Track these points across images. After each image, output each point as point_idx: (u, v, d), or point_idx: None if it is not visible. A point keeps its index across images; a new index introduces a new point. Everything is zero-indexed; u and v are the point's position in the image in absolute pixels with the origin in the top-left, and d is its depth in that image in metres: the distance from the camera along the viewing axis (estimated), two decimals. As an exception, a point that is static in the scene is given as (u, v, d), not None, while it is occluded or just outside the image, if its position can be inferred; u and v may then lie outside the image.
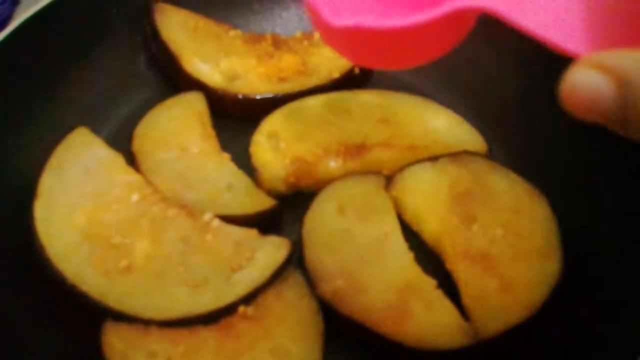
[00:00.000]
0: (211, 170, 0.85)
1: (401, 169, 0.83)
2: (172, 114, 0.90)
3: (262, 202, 0.82)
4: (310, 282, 0.72)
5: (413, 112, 0.91)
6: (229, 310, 0.70)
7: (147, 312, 0.69)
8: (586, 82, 0.38)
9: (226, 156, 0.88)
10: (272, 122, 0.88)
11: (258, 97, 0.93)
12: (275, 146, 0.86)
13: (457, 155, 0.84)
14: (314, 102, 0.92)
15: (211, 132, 0.90)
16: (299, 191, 0.86)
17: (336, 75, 0.96)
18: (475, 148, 0.87)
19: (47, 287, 0.72)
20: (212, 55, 0.96)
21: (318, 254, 0.74)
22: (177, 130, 0.88)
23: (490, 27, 0.93)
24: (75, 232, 0.74)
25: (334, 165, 0.85)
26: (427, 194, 0.81)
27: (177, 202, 0.78)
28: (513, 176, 0.82)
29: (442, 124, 0.90)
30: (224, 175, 0.85)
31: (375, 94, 0.94)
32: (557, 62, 0.83)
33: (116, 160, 0.81)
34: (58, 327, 0.71)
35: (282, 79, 0.96)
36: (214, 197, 0.82)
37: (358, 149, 0.86)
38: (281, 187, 0.85)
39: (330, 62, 0.98)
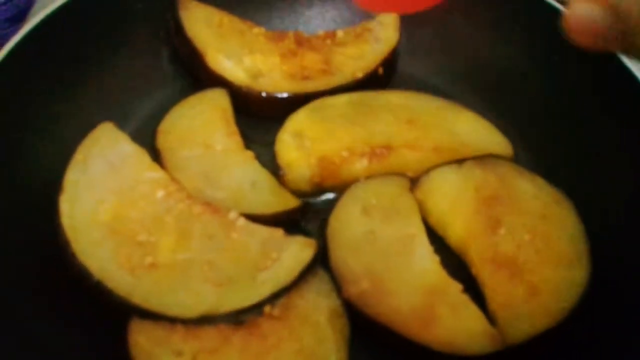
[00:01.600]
0: (235, 168, 0.85)
1: (426, 171, 0.83)
2: (196, 110, 0.90)
3: (286, 202, 0.82)
4: (336, 283, 0.72)
5: (438, 114, 0.91)
6: (254, 309, 0.70)
7: (173, 310, 0.69)
8: (583, 11, 0.51)
9: (250, 154, 0.88)
10: (297, 121, 0.88)
11: (282, 95, 0.93)
12: (301, 145, 0.86)
13: (483, 159, 0.84)
14: (339, 101, 0.92)
15: (235, 129, 0.90)
16: (323, 191, 0.86)
17: (360, 75, 0.96)
18: (501, 151, 0.87)
19: (73, 285, 0.72)
20: (236, 52, 0.96)
21: (343, 255, 0.74)
22: (201, 127, 0.88)
23: (518, 29, 0.96)
24: (100, 228, 0.75)
25: (359, 166, 0.85)
26: (452, 198, 0.81)
27: (202, 200, 0.78)
28: (540, 181, 0.82)
29: (468, 127, 0.90)
30: (248, 173, 0.85)
31: (400, 95, 0.93)
32: (586, 66, 0.85)
33: (142, 156, 0.81)
34: (84, 325, 0.71)
35: (305, 78, 0.96)
36: (238, 195, 0.82)
37: (383, 149, 0.86)
38: (306, 186, 0.85)
39: (354, 62, 0.98)
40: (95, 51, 0.91)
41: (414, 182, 0.83)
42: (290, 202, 0.82)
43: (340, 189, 0.82)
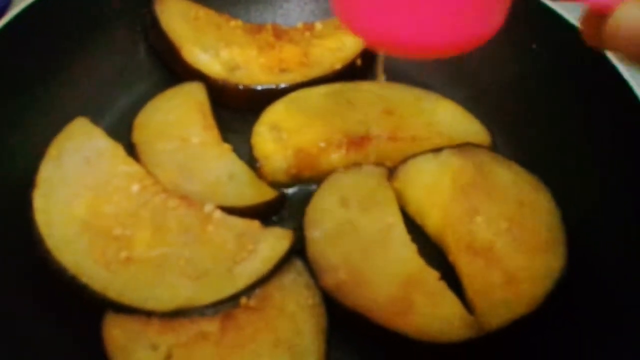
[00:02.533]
0: (212, 161, 0.85)
1: (404, 160, 0.83)
2: (173, 104, 0.90)
3: (263, 193, 0.82)
4: (313, 274, 0.72)
5: (416, 103, 0.91)
6: (230, 301, 0.70)
7: (148, 304, 0.69)
8: (632, 15, 0.42)
9: (227, 147, 0.87)
10: (274, 113, 0.88)
11: (259, 87, 0.93)
12: (277, 137, 0.85)
13: (461, 147, 0.84)
14: (316, 93, 0.91)
15: (212, 122, 0.90)
16: (301, 182, 0.86)
17: (338, 66, 0.96)
18: (479, 140, 0.87)
19: (47, 279, 0.71)
20: (213, 45, 0.96)
21: (320, 246, 0.74)
22: (178, 120, 0.88)
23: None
24: (75, 223, 0.74)
25: (336, 156, 0.85)
26: (429, 186, 0.81)
27: (178, 193, 0.78)
28: (517, 169, 0.82)
29: (446, 116, 0.90)
30: (225, 166, 0.85)
31: (378, 85, 0.93)
32: (565, 54, 0.85)
33: (116, 150, 0.81)
34: (59, 319, 0.71)
35: (283, 70, 0.96)
36: (215, 188, 0.82)
37: (361, 140, 0.86)
38: (283, 178, 0.85)
39: (332, 54, 0.98)
40: (70, 45, 0.90)
41: (391, 172, 0.83)
42: (267, 194, 0.82)
43: (319, 179, 0.82)
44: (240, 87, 0.93)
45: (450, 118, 0.90)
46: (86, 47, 0.92)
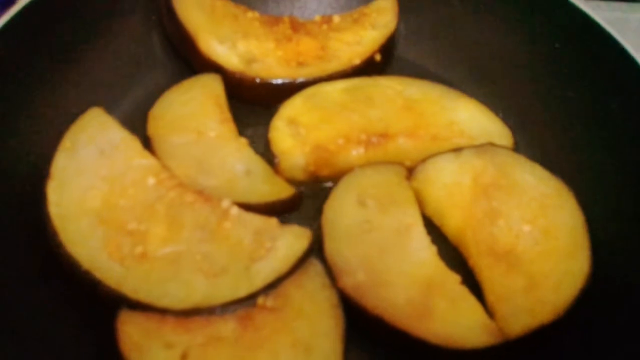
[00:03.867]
0: (228, 156, 0.83)
1: (423, 159, 0.81)
2: (188, 96, 0.88)
3: (281, 190, 0.81)
4: (331, 274, 0.71)
5: (437, 101, 0.89)
6: (247, 301, 0.68)
7: (163, 301, 0.67)
8: None
9: (244, 141, 0.86)
10: (292, 107, 0.86)
11: (276, 81, 0.91)
12: (295, 132, 0.84)
13: (482, 148, 0.82)
14: (334, 88, 0.90)
15: (228, 115, 0.88)
16: (319, 180, 0.84)
17: (357, 61, 0.94)
18: (501, 141, 0.85)
19: (62, 275, 0.70)
20: (230, 36, 0.94)
21: (338, 246, 0.73)
22: (194, 113, 0.86)
23: (520, 18, 0.94)
24: (89, 216, 0.73)
25: (355, 154, 0.83)
26: (449, 187, 0.79)
27: (194, 188, 0.77)
28: (540, 171, 0.80)
29: (467, 115, 0.88)
30: (242, 161, 0.83)
31: (398, 81, 0.91)
32: (589, 57, 0.83)
33: (132, 142, 0.79)
34: (73, 315, 0.70)
35: (300, 64, 0.94)
36: (231, 183, 0.80)
37: (380, 137, 0.84)
38: (300, 175, 0.83)
39: (351, 48, 0.96)
40: (85, 35, 0.89)
41: (410, 171, 0.81)
42: (284, 191, 0.80)
43: (337, 177, 0.80)
44: (258, 80, 0.91)
45: (471, 117, 0.88)
46: (101, 37, 0.91)
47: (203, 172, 0.81)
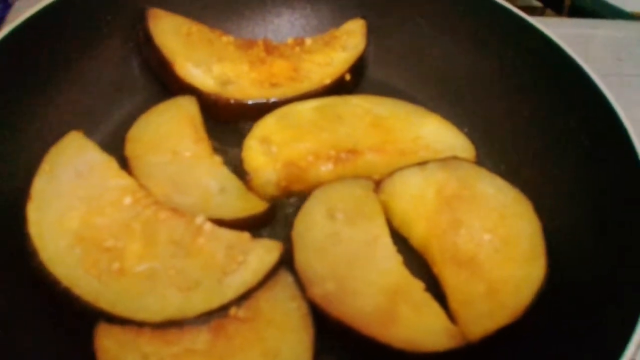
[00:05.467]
0: (203, 174, 0.86)
1: (390, 173, 0.84)
2: (164, 118, 0.91)
3: (254, 206, 0.83)
4: (301, 284, 0.73)
5: (404, 117, 0.92)
6: (220, 311, 0.70)
7: (139, 315, 0.69)
8: None
9: (218, 160, 0.88)
10: (264, 127, 0.89)
11: (250, 102, 0.94)
12: (267, 150, 0.86)
13: (446, 161, 0.85)
14: (306, 107, 0.93)
15: (203, 135, 0.91)
16: (291, 194, 0.87)
17: (327, 81, 0.97)
18: (464, 154, 0.89)
19: (40, 290, 0.72)
20: (205, 60, 0.97)
21: (308, 257, 0.75)
22: (169, 134, 0.89)
23: (484, 39, 0.98)
24: (68, 235, 0.75)
25: (325, 169, 0.86)
26: (415, 199, 0.82)
27: (170, 206, 0.79)
28: (500, 182, 0.83)
29: (433, 130, 0.91)
30: (216, 178, 0.85)
31: (366, 99, 0.95)
32: (548, 76, 0.87)
33: (109, 163, 0.82)
34: (51, 329, 0.72)
35: (273, 85, 0.97)
36: (206, 200, 0.83)
37: (349, 153, 0.87)
38: (273, 190, 0.86)
39: (322, 69, 0.99)
40: (65, 61, 0.92)
41: (378, 185, 0.84)
42: (257, 207, 0.83)
43: (308, 192, 0.83)
44: (232, 101, 0.93)
45: (436, 132, 0.91)
46: (80, 62, 0.93)
47: (179, 190, 0.83)
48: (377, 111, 0.93)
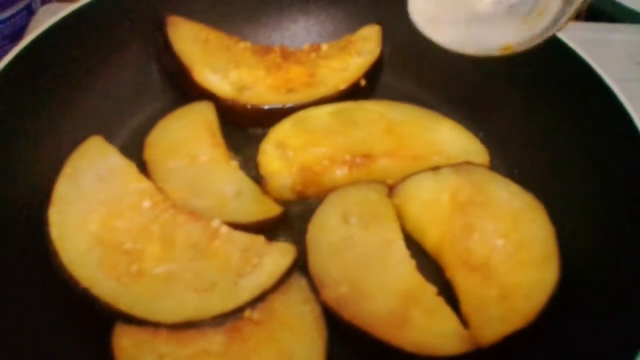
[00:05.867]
0: (220, 178, 0.87)
1: (404, 178, 0.84)
2: (182, 123, 0.92)
3: (269, 210, 0.84)
4: (314, 287, 0.74)
5: (417, 123, 0.92)
6: (235, 313, 0.71)
7: (157, 316, 0.70)
8: None
9: (235, 164, 0.89)
10: (280, 131, 0.90)
11: (266, 107, 0.95)
12: (283, 155, 0.87)
13: (459, 166, 0.85)
14: (321, 112, 0.93)
15: (220, 140, 0.92)
16: (306, 198, 0.87)
17: (343, 86, 0.98)
18: (477, 159, 0.89)
19: (60, 290, 0.73)
20: (222, 66, 0.98)
21: (322, 261, 0.76)
22: (187, 139, 0.90)
23: None
24: (88, 238, 0.76)
25: (339, 174, 0.86)
26: (428, 204, 0.82)
27: (187, 209, 0.80)
28: (513, 187, 0.83)
29: (446, 135, 0.91)
30: (233, 182, 0.87)
31: (381, 105, 0.95)
32: (563, 82, 0.87)
33: (129, 168, 0.83)
34: (70, 328, 0.73)
35: (289, 90, 0.98)
36: (222, 204, 0.84)
37: (363, 158, 0.88)
38: (288, 194, 0.87)
39: (337, 74, 1.00)
40: (86, 67, 0.94)
41: (392, 189, 0.84)
42: (272, 210, 0.84)
43: (323, 196, 0.84)
44: (248, 106, 0.95)
45: (450, 137, 0.91)
46: (101, 69, 0.95)
47: (196, 194, 0.84)
48: (391, 116, 0.94)
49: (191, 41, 0.99)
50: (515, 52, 0.77)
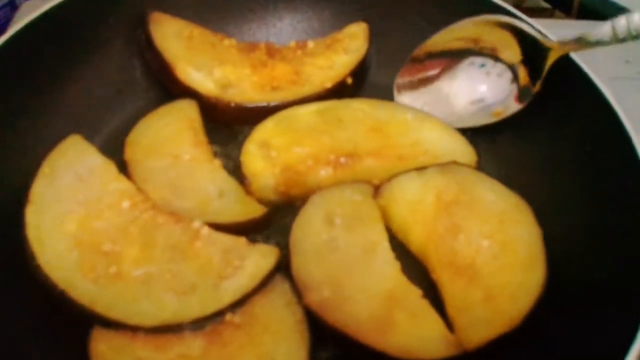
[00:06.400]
0: (202, 178, 0.84)
1: (389, 178, 0.83)
2: (164, 121, 0.90)
3: (252, 210, 0.82)
4: (297, 291, 0.71)
5: (403, 122, 0.90)
6: (215, 317, 0.69)
7: (135, 319, 0.68)
8: None
9: (218, 163, 0.87)
10: (264, 131, 0.88)
11: (250, 105, 0.93)
12: (266, 155, 0.85)
13: (445, 166, 0.83)
14: (306, 111, 0.91)
15: (203, 139, 0.90)
16: (291, 199, 0.85)
17: (329, 85, 0.96)
18: (464, 159, 0.87)
19: (37, 293, 0.71)
20: (206, 63, 0.96)
21: (305, 263, 0.73)
22: (169, 138, 0.88)
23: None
24: (66, 239, 0.74)
25: (324, 174, 0.84)
26: (413, 204, 0.80)
27: (168, 210, 0.78)
28: (499, 187, 0.82)
29: (432, 135, 0.89)
30: (215, 182, 0.84)
31: (367, 103, 0.93)
32: (547, 78, 0.85)
33: (108, 167, 0.81)
34: (47, 333, 0.71)
35: (275, 88, 0.96)
36: (204, 204, 0.82)
37: (348, 158, 0.86)
38: (271, 195, 0.84)
39: (323, 72, 0.98)
40: (67, 63, 0.91)
41: (377, 190, 0.82)
42: (255, 211, 0.82)
43: (307, 197, 0.81)
44: (232, 104, 0.92)
45: (436, 137, 0.89)
46: (83, 66, 0.93)
47: (177, 194, 0.82)
48: (377, 115, 0.91)
49: (174, 38, 0.97)
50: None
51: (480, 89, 0.93)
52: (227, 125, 0.94)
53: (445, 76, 0.96)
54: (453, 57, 0.95)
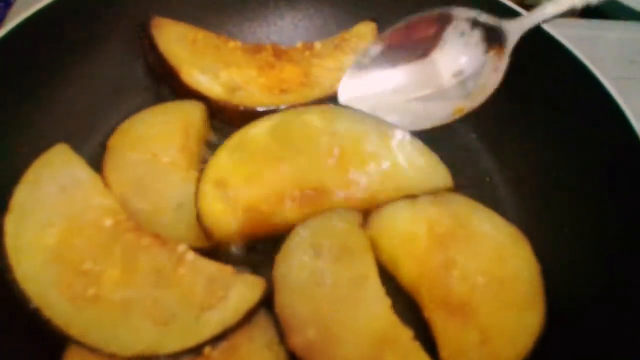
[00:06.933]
0: (168, 185, 0.76)
1: (378, 206, 0.73)
2: (160, 118, 0.83)
3: (197, 239, 0.73)
4: (280, 330, 0.64)
5: (365, 139, 0.80)
6: (194, 351, 0.62)
7: (111, 347, 0.61)
8: None
9: (194, 174, 0.77)
10: (218, 166, 0.75)
11: (260, 108, 0.85)
12: (224, 196, 0.73)
13: (438, 196, 0.74)
14: (258, 131, 0.79)
15: (192, 145, 0.81)
16: (257, 240, 0.75)
17: (337, 86, 0.88)
18: (439, 182, 0.77)
19: (9, 307, 0.65)
20: (212, 66, 0.88)
21: (290, 300, 0.65)
22: (158, 135, 0.81)
23: None
24: (44, 252, 0.66)
25: (289, 212, 0.74)
26: (404, 236, 0.71)
27: (150, 232, 0.71)
28: (497, 219, 0.73)
29: (403, 160, 0.79)
30: (179, 193, 0.76)
31: (319, 115, 0.82)
32: (553, 78, 0.77)
33: (94, 181, 0.72)
34: (19, 350, 0.65)
35: (283, 91, 0.88)
36: (157, 212, 0.74)
37: (315, 192, 0.76)
38: (237, 239, 0.73)
39: (332, 74, 0.90)
40: (63, 62, 0.85)
41: (365, 218, 0.73)
42: (199, 241, 0.73)
43: (277, 235, 0.72)
44: (241, 108, 0.85)
45: (408, 161, 0.79)
46: (79, 64, 0.87)
47: (137, 193, 0.74)
48: (334, 130, 0.80)
49: (178, 42, 0.88)
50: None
51: (461, 60, 0.84)
52: (234, 125, 0.85)
53: (436, 45, 0.86)
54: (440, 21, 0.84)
